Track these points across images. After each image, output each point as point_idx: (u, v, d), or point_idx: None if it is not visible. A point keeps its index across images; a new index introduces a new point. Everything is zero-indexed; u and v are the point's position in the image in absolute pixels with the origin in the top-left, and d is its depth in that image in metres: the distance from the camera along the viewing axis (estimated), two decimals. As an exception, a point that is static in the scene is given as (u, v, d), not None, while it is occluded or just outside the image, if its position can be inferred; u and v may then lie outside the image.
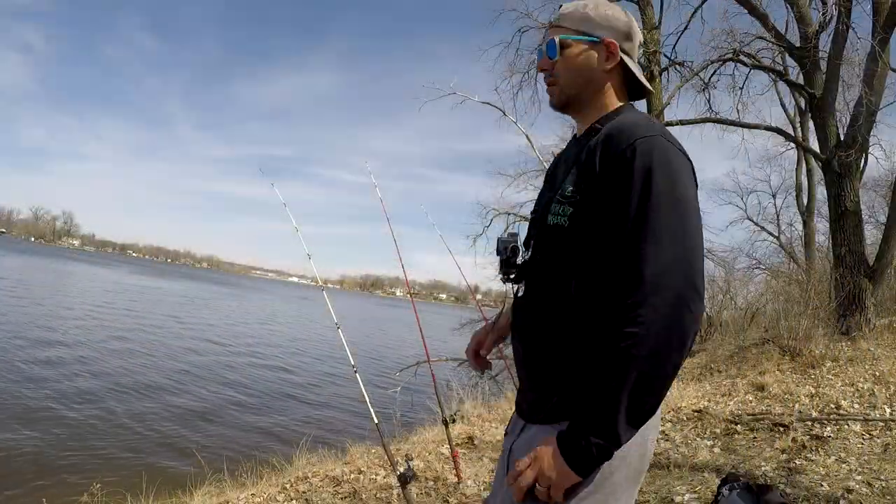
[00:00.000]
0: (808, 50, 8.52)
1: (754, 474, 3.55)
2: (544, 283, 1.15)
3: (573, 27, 1.19)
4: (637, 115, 1.17)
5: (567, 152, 1.28)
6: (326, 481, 4.79)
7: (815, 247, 15.88)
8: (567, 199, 1.11)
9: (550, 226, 1.13)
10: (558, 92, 1.21)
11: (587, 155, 1.12)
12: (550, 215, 1.13)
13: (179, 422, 8.64)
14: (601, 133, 1.14)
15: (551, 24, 1.22)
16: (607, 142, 1.09)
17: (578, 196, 1.09)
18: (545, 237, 1.16)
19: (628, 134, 1.06)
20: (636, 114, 1.19)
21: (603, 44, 1.18)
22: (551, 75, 1.21)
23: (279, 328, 27.68)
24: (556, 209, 1.12)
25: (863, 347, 6.72)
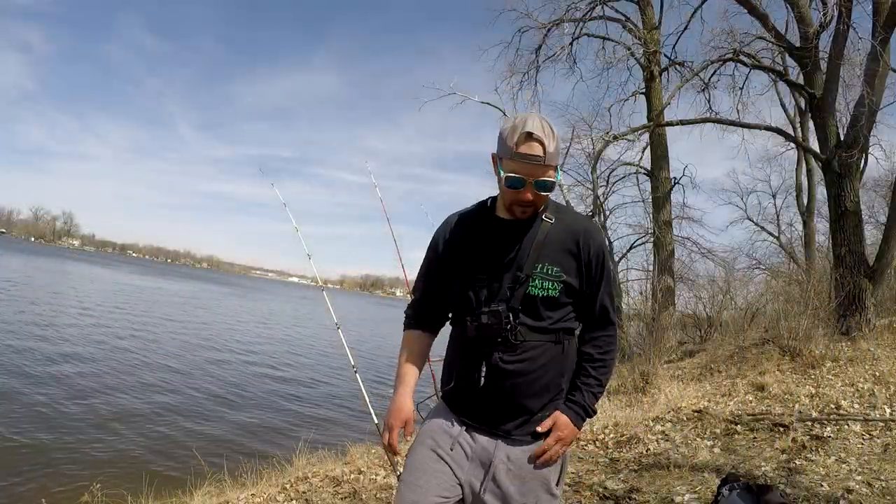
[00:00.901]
0: (809, 50, 8.52)
1: (754, 474, 3.55)
2: (540, 336, 1.51)
3: (556, 165, 1.47)
4: (579, 215, 1.66)
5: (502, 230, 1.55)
6: (326, 481, 4.79)
7: (815, 247, 15.90)
8: (555, 276, 1.50)
9: (541, 297, 1.49)
10: (533, 211, 1.51)
11: (567, 244, 1.52)
12: (538, 290, 1.48)
13: (179, 422, 8.63)
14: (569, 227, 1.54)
15: (539, 165, 1.42)
16: (588, 239, 1.53)
17: (564, 275, 1.50)
18: (535, 305, 1.50)
19: (595, 234, 1.56)
20: (573, 211, 1.66)
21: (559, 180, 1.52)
22: (535, 204, 1.49)
23: (279, 328, 27.68)
24: (545, 285, 1.49)
25: (863, 347, 6.71)
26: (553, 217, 1.53)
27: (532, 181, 1.43)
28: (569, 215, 1.58)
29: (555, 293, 1.49)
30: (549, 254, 1.50)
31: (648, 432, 4.84)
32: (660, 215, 12.21)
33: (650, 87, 12.42)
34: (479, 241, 1.56)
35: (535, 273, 1.48)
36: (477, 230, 1.58)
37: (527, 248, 1.50)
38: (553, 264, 1.49)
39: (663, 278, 9.90)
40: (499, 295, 1.49)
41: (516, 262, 1.50)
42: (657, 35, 12.54)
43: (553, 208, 1.56)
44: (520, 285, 1.48)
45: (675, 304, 11.55)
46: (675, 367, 8.66)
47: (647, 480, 3.74)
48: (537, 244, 1.50)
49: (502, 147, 1.46)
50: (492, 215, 1.58)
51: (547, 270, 1.49)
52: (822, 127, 8.45)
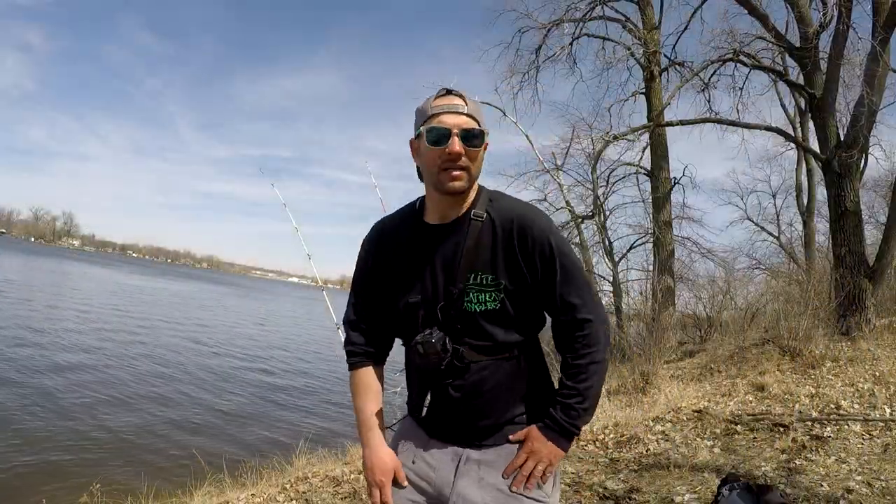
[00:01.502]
0: (809, 50, 8.52)
1: (754, 474, 3.55)
2: (488, 352, 1.33)
3: (481, 123, 1.30)
4: (514, 202, 1.37)
5: (429, 238, 1.36)
6: (326, 481, 4.79)
7: (815, 247, 15.89)
8: (492, 286, 1.30)
9: (479, 312, 1.30)
10: (467, 177, 1.28)
11: (500, 242, 1.30)
12: (475, 304, 1.30)
13: (179, 422, 8.64)
14: (500, 224, 1.31)
15: (461, 113, 1.27)
16: (523, 229, 1.30)
17: (502, 281, 1.30)
18: (475, 322, 1.31)
19: (531, 221, 1.31)
20: (508, 199, 1.38)
21: (486, 141, 1.32)
22: (465, 161, 1.27)
23: (278, 328, 27.68)
24: (482, 297, 1.30)
25: (863, 347, 6.71)
26: (483, 212, 1.32)
27: (457, 130, 1.25)
28: (501, 206, 1.34)
29: (494, 305, 1.29)
30: (481, 259, 1.30)
31: (648, 432, 4.84)
32: (660, 215, 12.21)
33: (650, 87, 12.42)
34: (407, 252, 1.37)
35: (468, 285, 1.29)
36: (404, 240, 1.39)
37: (457, 256, 1.30)
38: (487, 271, 1.29)
39: (663, 278, 9.89)
40: (434, 316, 1.32)
41: (448, 276, 1.31)
42: (657, 35, 12.54)
43: (485, 199, 1.35)
44: (454, 302, 1.30)
45: (675, 304, 11.54)
46: (675, 367, 8.66)
47: (647, 480, 3.74)
48: (468, 250, 1.29)
49: (419, 119, 1.32)
50: (419, 221, 1.38)
51: (481, 280, 1.29)
52: (822, 127, 8.45)
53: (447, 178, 1.27)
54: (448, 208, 1.34)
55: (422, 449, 1.43)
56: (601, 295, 12.68)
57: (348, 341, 1.50)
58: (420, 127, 1.30)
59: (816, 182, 16.37)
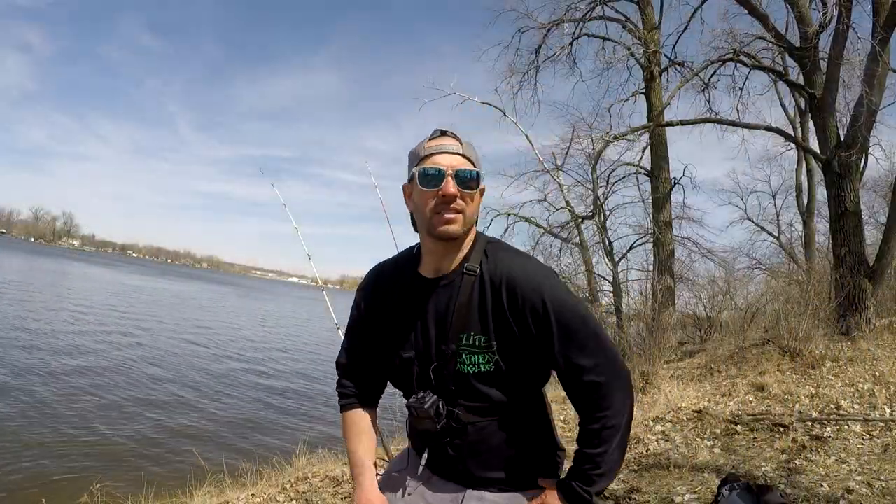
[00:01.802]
0: (809, 50, 8.52)
1: (754, 475, 3.55)
2: (484, 413, 1.27)
3: (476, 164, 1.25)
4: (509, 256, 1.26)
5: (423, 293, 1.29)
6: (326, 481, 4.79)
7: (815, 247, 15.89)
8: (484, 347, 1.22)
9: (473, 374, 1.23)
10: (462, 221, 1.21)
11: (493, 301, 1.21)
12: (468, 366, 1.22)
13: (179, 422, 8.63)
14: (489, 280, 1.22)
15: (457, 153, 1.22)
16: (514, 290, 1.20)
17: (496, 344, 1.21)
18: (469, 384, 1.24)
19: (525, 279, 1.20)
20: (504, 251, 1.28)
21: (482, 187, 1.26)
22: (460, 203, 1.21)
23: (278, 328, 27.68)
24: (475, 359, 1.22)
25: (863, 348, 6.71)
26: (477, 266, 1.24)
27: (451, 171, 1.19)
28: (495, 259, 1.25)
29: (488, 367, 1.22)
30: (473, 319, 1.22)
31: (648, 432, 4.84)
32: (660, 215, 12.20)
33: (650, 87, 12.42)
34: (401, 306, 1.31)
35: (461, 346, 1.23)
36: (399, 292, 1.33)
37: (450, 315, 1.24)
38: (479, 332, 1.22)
39: (663, 278, 9.89)
40: (427, 377, 1.27)
41: (441, 334, 1.25)
42: (657, 35, 12.54)
43: (481, 251, 1.26)
44: (447, 363, 1.24)
45: (675, 304, 11.54)
46: (675, 368, 8.66)
47: (647, 480, 3.74)
48: (459, 309, 1.23)
49: (412, 161, 1.26)
50: (415, 273, 1.32)
51: (474, 341, 1.22)
52: (822, 127, 8.45)
53: (440, 221, 1.20)
54: (442, 258, 1.27)
55: (421, 482, 1.38)
56: (601, 295, 12.69)
57: (340, 384, 1.48)
58: (412, 169, 1.25)
59: (816, 182, 16.37)
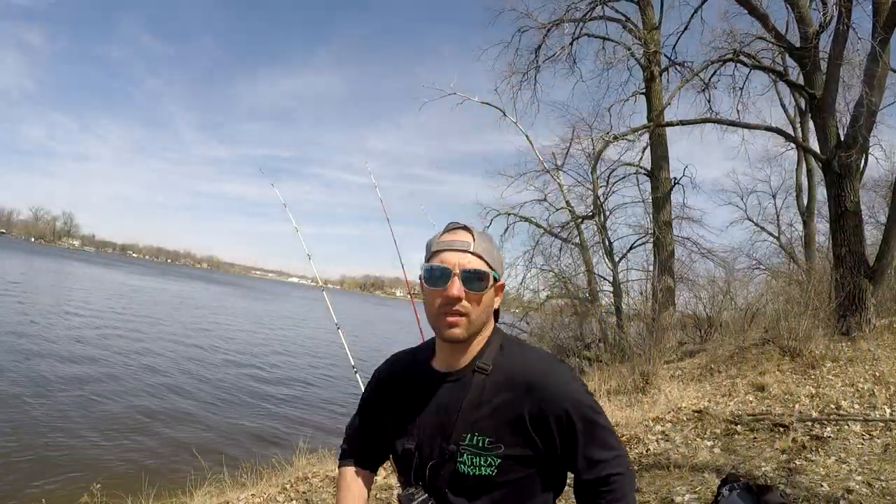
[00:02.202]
0: (809, 50, 8.52)
1: (754, 475, 3.55)
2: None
3: (492, 263, 1.18)
4: (527, 355, 1.21)
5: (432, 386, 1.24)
6: (326, 481, 4.80)
7: (815, 247, 15.88)
8: (488, 450, 1.14)
9: (472, 476, 1.14)
10: (466, 324, 1.15)
11: (507, 405, 1.14)
12: (467, 467, 1.15)
13: (179, 423, 8.64)
14: (510, 380, 1.16)
15: (466, 251, 1.16)
16: (540, 399, 1.13)
17: (502, 447, 1.14)
18: (465, 486, 1.16)
19: (552, 386, 1.14)
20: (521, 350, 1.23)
21: (499, 284, 1.21)
22: (464, 306, 1.14)
23: (278, 328, 27.68)
24: (476, 461, 1.14)
25: (863, 348, 6.71)
26: (490, 364, 1.18)
27: (458, 270, 1.13)
28: (511, 358, 1.19)
29: (489, 471, 1.13)
30: (482, 419, 1.15)
31: (648, 432, 4.85)
32: (660, 215, 12.20)
33: (650, 87, 12.43)
34: (410, 397, 1.27)
35: (463, 446, 1.15)
36: (409, 383, 1.29)
37: (456, 412, 1.18)
38: (485, 433, 1.14)
39: (663, 278, 9.90)
40: (423, 472, 1.20)
41: (444, 432, 1.18)
42: (657, 35, 12.55)
43: (496, 348, 1.21)
44: (445, 462, 1.17)
45: (675, 304, 11.55)
46: (675, 368, 8.66)
47: (647, 480, 3.74)
48: (467, 407, 1.16)
49: (427, 252, 1.22)
50: (428, 365, 1.28)
51: (478, 442, 1.14)
52: (822, 127, 8.45)
53: (443, 325, 1.15)
54: (450, 355, 1.23)
55: None
56: (601, 295, 12.69)
57: (344, 440, 1.47)
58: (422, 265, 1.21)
59: (816, 182, 16.36)
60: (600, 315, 11.42)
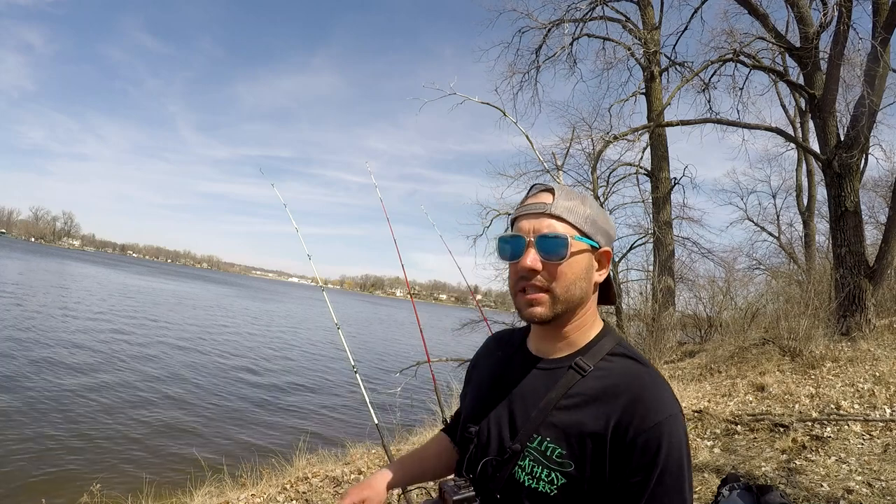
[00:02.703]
0: (809, 50, 8.52)
1: (754, 475, 3.55)
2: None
3: (576, 223, 0.98)
4: (637, 367, 0.97)
5: (519, 369, 1.06)
6: (327, 482, 4.79)
7: (815, 247, 15.88)
8: (556, 463, 0.93)
9: (528, 488, 0.95)
10: (549, 301, 0.97)
11: (594, 414, 0.93)
12: (525, 475, 0.95)
13: (179, 423, 8.63)
14: (607, 386, 0.95)
15: (542, 214, 0.98)
16: (632, 414, 0.90)
17: (573, 465, 0.92)
18: (517, 498, 0.96)
19: (652, 406, 0.91)
20: (634, 358, 1.00)
21: (601, 251, 1.01)
22: (542, 279, 0.97)
23: (278, 328, 27.67)
24: (536, 471, 0.94)
25: (863, 348, 6.71)
26: (592, 366, 0.97)
27: (533, 237, 0.96)
28: (620, 366, 0.98)
29: (549, 489, 0.93)
30: (560, 424, 0.94)
31: (648, 432, 4.83)
32: (660, 215, 12.21)
33: (650, 87, 12.43)
34: (490, 373, 1.12)
35: (529, 448, 0.96)
36: (497, 358, 1.14)
37: (533, 404, 0.99)
38: (558, 443, 0.93)
39: (663, 278, 9.90)
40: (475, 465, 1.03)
41: (514, 424, 1.00)
42: (657, 35, 12.55)
43: (607, 346, 1.00)
44: (505, 462, 0.98)
45: (675, 304, 11.54)
46: (675, 368, 8.66)
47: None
48: (547, 403, 0.96)
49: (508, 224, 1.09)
50: (522, 343, 1.11)
51: (546, 449, 0.94)
52: (823, 127, 8.45)
53: (522, 303, 0.98)
54: (542, 340, 1.05)
55: None
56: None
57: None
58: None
59: (817, 182, 16.39)
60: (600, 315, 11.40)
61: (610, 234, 1.03)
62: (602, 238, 1.01)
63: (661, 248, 11.85)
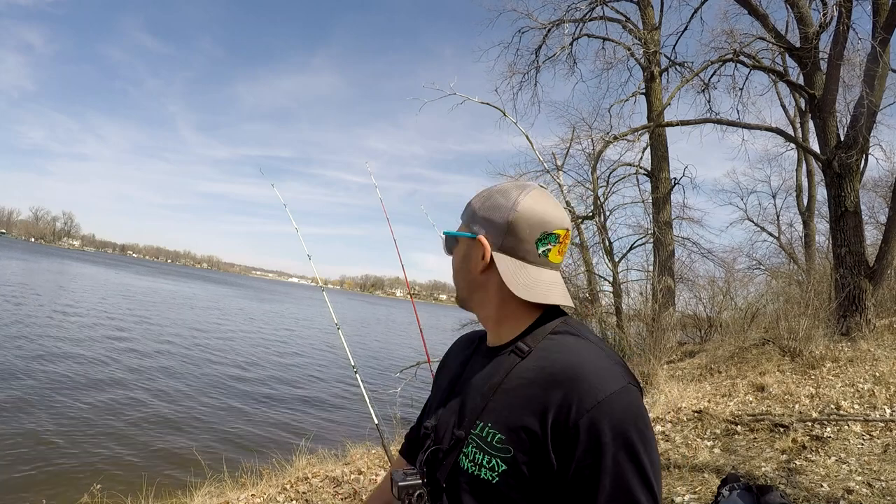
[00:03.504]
0: (809, 50, 8.53)
1: (754, 475, 3.55)
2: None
3: (463, 220, 1.05)
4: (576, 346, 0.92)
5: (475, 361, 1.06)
6: (327, 482, 4.80)
7: (815, 247, 15.89)
8: (497, 450, 0.89)
9: (469, 475, 0.92)
10: (457, 290, 1.07)
11: (534, 399, 0.88)
12: (467, 462, 0.92)
13: (179, 422, 8.64)
14: (545, 368, 0.90)
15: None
16: (569, 398, 0.84)
17: (512, 451, 0.87)
18: (458, 487, 0.93)
19: (588, 389, 0.84)
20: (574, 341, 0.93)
21: (477, 240, 0.99)
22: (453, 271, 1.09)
23: (279, 329, 27.67)
24: (479, 458, 0.91)
25: (863, 348, 6.71)
26: (531, 346, 0.94)
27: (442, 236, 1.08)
28: (560, 346, 0.92)
29: (490, 476, 0.89)
30: (498, 409, 0.92)
31: (648, 433, 4.84)
32: (660, 216, 12.21)
33: (650, 87, 12.44)
34: (452, 373, 1.12)
35: (472, 434, 0.93)
36: (458, 357, 1.15)
37: (479, 391, 0.97)
38: (497, 428, 0.90)
39: (663, 279, 9.89)
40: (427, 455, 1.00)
41: (462, 413, 0.99)
42: (657, 35, 12.56)
43: (546, 331, 0.96)
44: (451, 449, 0.96)
45: (675, 304, 11.55)
46: (675, 368, 8.66)
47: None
48: (490, 388, 0.95)
49: None
50: (483, 339, 1.11)
51: (487, 435, 0.91)
52: (822, 127, 8.45)
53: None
54: (489, 332, 1.06)
55: None
56: (601, 295, 12.70)
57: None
58: None
59: (817, 182, 16.40)
60: (600, 315, 11.41)
61: (492, 220, 0.98)
62: (480, 227, 0.99)
63: (661, 249, 11.85)
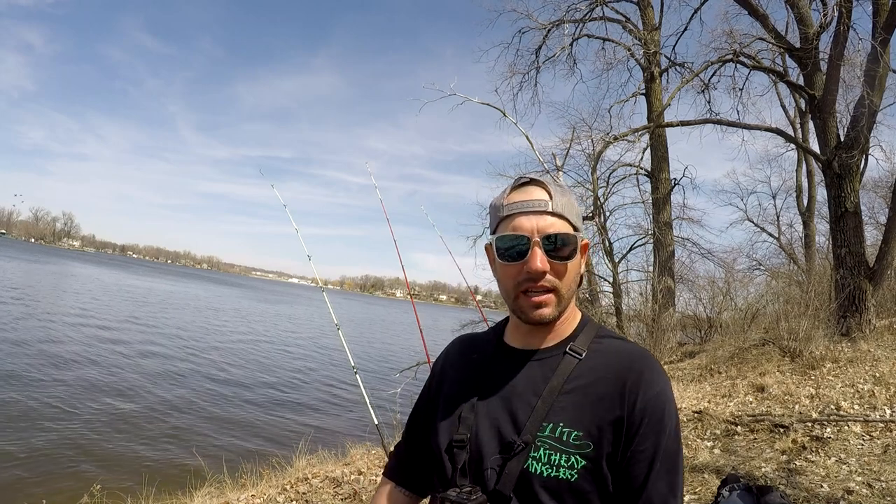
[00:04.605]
0: (809, 51, 8.53)
1: (754, 475, 3.55)
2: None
3: (573, 220, 0.97)
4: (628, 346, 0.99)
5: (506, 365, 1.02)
6: (327, 482, 4.79)
7: (815, 248, 15.89)
8: (576, 447, 0.90)
9: (544, 478, 0.90)
10: (556, 302, 0.95)
11: (605, 394, 0.92)
12: (542, 466, 0.90)
13: (180, 423, 8.64)
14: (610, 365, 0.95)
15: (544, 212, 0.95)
16: (637, 386, 0.91)
17: (592, 446, 0.89)
18: (532, 491, 0.90)
19: (652, 376, 0.93)
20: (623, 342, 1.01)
21: (584, 244, 1.00)
22: (551, 280, 0.95)
23: (279, 329, 27.67)
24: (554, 459, 0.90)
25: (863, 348, 6.71)
26: (584, 349, 0.97)
27: (538, 238, 0.93)
28: (613, 347, 0.98)
29: (570, 476, 0.89)
30: (569, 408, 0.92)
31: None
32: (660, 216, 12.21)
33: (650, 87, 12.44)
34: (466, 377, 1.05)
35: (540, 438, 0.91)
36: (469, 361, 1.07)
37: (534, 395, 0.95)
38: (573, 426, 0.91)
39: (663, 279, 9.90)
40: (480, 469, 0.95)
41: (515, 418, 0.95)
42: (657, 36, 12.56)
43: (590, 334, 1.00)
44: (513, 457, 0.92)
45: (675, 304, 11.55)
46: (675, 368, 8.66)
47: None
48: (551, 390, 0.94)
49: (492, 219, 1.01)
50: (500, 341, 1.06)
51: (561, 435, 0.91)
52: (823, 128, 8.45)
53: (528, 306, 0.95)
54: (529, 336, 1.01)
55: None
56: (601, 295, 12.69)
57: (390, 455, 1.23)
58: (491, 235, 1.00)
59: (817, 183, 16.40)
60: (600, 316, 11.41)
61: (579, 218, 1.01)
62: (581, 227, 1.00)
63: (661, 249, 11.85)
